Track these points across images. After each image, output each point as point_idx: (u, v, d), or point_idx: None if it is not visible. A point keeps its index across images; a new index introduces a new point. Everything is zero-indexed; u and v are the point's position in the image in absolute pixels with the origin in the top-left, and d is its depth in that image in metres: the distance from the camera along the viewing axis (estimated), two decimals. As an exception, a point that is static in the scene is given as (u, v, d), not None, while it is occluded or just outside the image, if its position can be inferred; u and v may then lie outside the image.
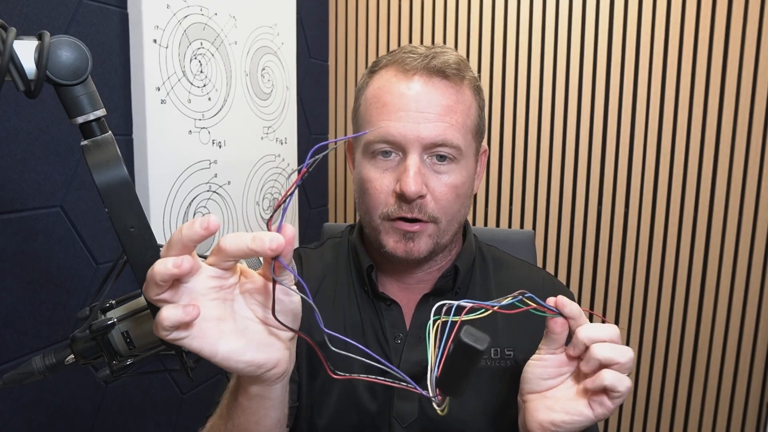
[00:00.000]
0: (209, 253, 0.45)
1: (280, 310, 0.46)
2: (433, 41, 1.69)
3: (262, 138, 1.42)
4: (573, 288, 1.64)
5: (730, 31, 1.43)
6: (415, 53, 0.72)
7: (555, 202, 1.62)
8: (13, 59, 0.43)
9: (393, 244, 0.73)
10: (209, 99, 1.21)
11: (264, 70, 1.40)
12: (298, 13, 1.59)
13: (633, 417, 1.65)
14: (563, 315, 0.54)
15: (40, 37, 0.44)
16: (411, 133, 0.69)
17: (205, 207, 1.23)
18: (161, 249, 0.43)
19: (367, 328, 0.79)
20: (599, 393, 0.53)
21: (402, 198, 0.71)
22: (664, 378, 1.60)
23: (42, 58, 0.43)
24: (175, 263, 0.40)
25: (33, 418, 0.93)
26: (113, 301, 0.51)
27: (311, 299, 0.44)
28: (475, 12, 1.63)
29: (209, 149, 1.23)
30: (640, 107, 1.52)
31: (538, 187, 1.64)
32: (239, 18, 1.29)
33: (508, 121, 1.64)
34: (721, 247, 1.51)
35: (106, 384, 1.05)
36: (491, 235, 1.13)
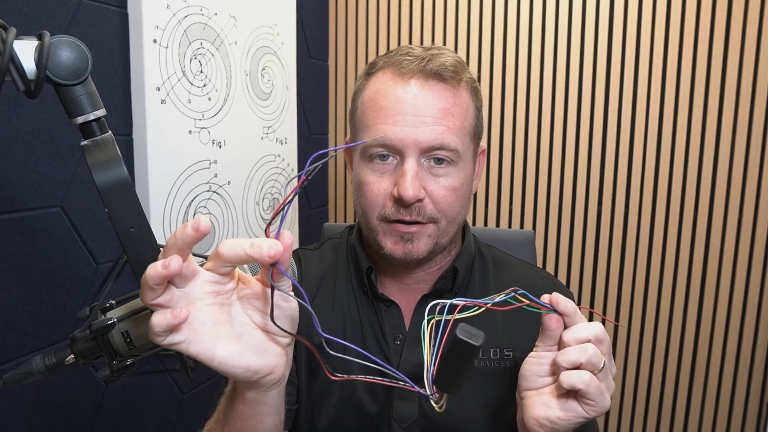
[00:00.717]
0: (208, 258, 0.45)
1: (278, 315, 0.46)
2: (433, 41, 1.69)
3: (262, 138, 1.42)
4: (573, 288, 1.64)
5: (730, 31, 1.43)
6: (411, 55, 0.72)
7: (555, 202, 1.62)
8: (13, 59, 0.43)
9: (391, 245, 0.73)
10: (209, 99, 1.21)
11: (264, 70, 1.40)
12: (298, 13, 1.59)
13: (633, 417, 1.65)
14: (557, 312, 0.54)
15: (40, 37, 0.44)
16: (408, 138, 0.69)
17: (205, 207, 1.23)
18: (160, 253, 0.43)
19: (366, 329, 0.79)
20: (573, 394, 0.54)
21: (400, 202, 0.70)
22: (664, 378, 1.60)
23: (42, 58, 0.43)
24: (163, 264, 0.40)
25: (33, 418, 0.93)
26: (113, 301, 0.51)
27: (309, 305, 0.44)
28: (475, 12, 1.63)
29: (209, 149, 1.23)
30: (640, 107, 1.52)
31: (538, 187, 1.64)
32: (239, 18, 1.29)
33: (508, 121, 1.64)
34: (721, 247, 1.51)
35: (106, 384, 1.05)
36: (491, 235, 1.13)
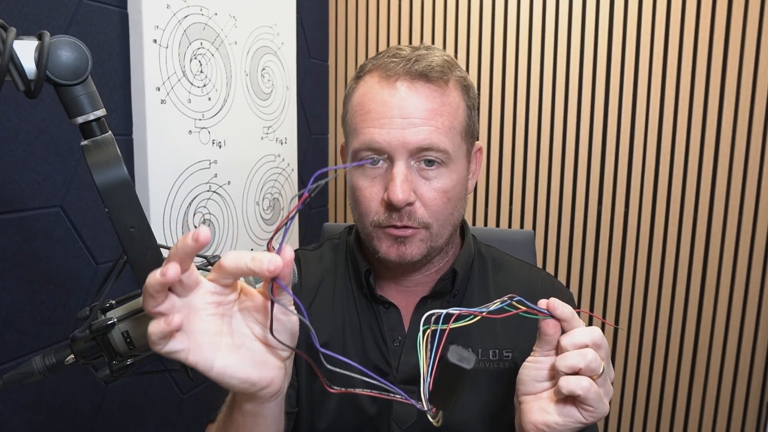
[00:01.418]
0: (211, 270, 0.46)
1: (278, 328, 0.47)
2: (433, 41, 1.69)
3: (262, 138, 1.42)
4: (573, 288, 1.64)
5: (730, 31, 1.43)
6: (398, 57, 0.71)
7: (555, 202, 1.62)
8: (13, 59, 0.43)
9: (385, 248, 0.73)
10: (209, 99, 1.21)
11: (264, 70, 1.40)
12: (298, 13, 1.59)
13: (633, 417, 1.65)
14: (554, 317, 0.54)
15: (40, 37, 0.44)
16: (396, 140, 0.69)
17: (205, 207, 1.23)
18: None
19: (365, 331, 0.79)
20: (571, 399, 0.53)
21: (390, 206, 0.70)
22: (664, 378, 1.60)
23: (42, 58, 0.43)
24: (162, 271, 0.40)
25: (33, 418, 0.93)
26: (113, 301, 0.51)
27: (307, 319, 0.44)
28: (475, 12, 1.63)
29: (209, 149, 1.23)
30: (640, 107, 1.52)
31: (538, 187, 1.64)
32: (239, 18, 1.29)
33: (508, 121, 1.64)
34: (721, 247, 1.51)
35: (106, 384, 1.05)
36: (491, 235, 1.13)
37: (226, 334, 0.46)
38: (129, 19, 1.04)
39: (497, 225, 1.69)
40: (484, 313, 0.52)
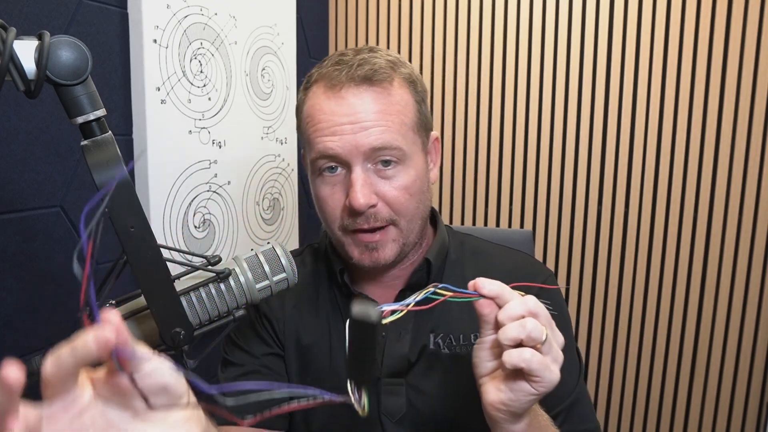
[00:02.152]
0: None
1: (156, 389, 0.38)
2: (432, 41, 1.69)
3: (262, 138, 1.42)
4: (573, 287, 1.64)
5: (730, 31, 1.43)
6: (341, 63, 0.72)
7: (555, 202, 1.62)
8: (13, 59, 0.43)
9: (359, 255, 0.74)
10: (209, 99, 1.21)
11: (264, 70, 1.40)
12: (298, 13, 1.59)
13: (633, 417, 1.65)
14: (484, 296, 0.54)
15: (40, 37, 0.44)
16: (348, 145, 0.70)
17: (205, 207, 1.23)
18: None
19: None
20: (520, 373, 0.52)
21: (354, 212, 0.71)
22: (664, 378, 1.60)
23: (42, 58, 0.43)
24: None
25: (33, 418, 0.93)
26: (113, 301, 0.51)
27: (179, 366, 0.39)
28: (475, 11, 1.63)
29: (209, 149, 1.23)
30: (640, 107, 1.52)
31: (538, 187, 1.64)
32: (239, 18, 1.29)
33: (508, 121, 1.64)
34: (721, 247, 1.51)
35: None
36: (489, 235, 1.12)
37: (99, 430, 0.38)
38: (129, 19, 1.04)
39: (497, 225, 1.69)
40: (411, 305, 0.52)
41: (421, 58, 1.71)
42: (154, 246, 0.46)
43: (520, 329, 0.51)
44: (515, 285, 0.55)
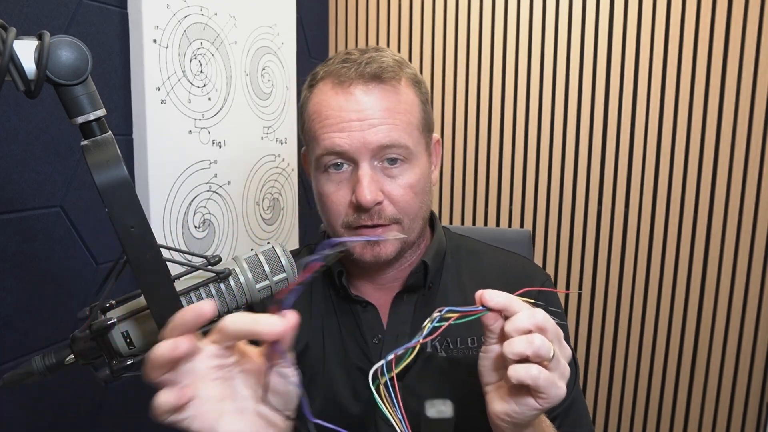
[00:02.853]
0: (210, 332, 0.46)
1: (276, 391, 0.46)
2: (432, 41, 1.69)
3: (262, 138, 1.42)
4: (572, 287, 1.64)
5: (730, 31, 1.43)
6: (349, 61, 0.72)
7: (555, 202, 1.62)
8: (13, 59, 0.43)
9: (360, 250, 0.74)
10: (209, 99, 1.21)
11: (264, 70, 1.40)
12: (298, 13, 1.59)
13: (633, 417, 1.64)
14: (491, 309, 0.53)
15: (40, 37, 0.44)
16: (357, 141, 0.70)
17: (205, 207, 1.23)
18: (165, 330, 0.43)
19: (344, 332, 0.80)
20: (526, 387, 0.51)
21: (359, 208, 0.71)
22: (664, 378, 1.60)
23: (42, 58, 0.43)
24: (171, 347, 0.41)
25: (33, 418, 0.93)
26: (113, 301, 0.51)
27: (301, 388, 0.45)
28: (475, 11, 1.63)
29: (209, 149, 1.23)
30: (640, 107, 1.52)
31: (537, 187, 1.64)
32: (239, 18, 1.29)
33: (508, 121, 1.64)
34: (721, 247, 1.51)
35: (106, 384, 1.05)
36: (487, 235, 1.13)
37: (228, 398, 0.46)
38: (129, 19, 1.04)
39: (497, 224, 1.69)
40: (421, 340, 0.51)
41: (421, 58, 1.71)
42: (154, 246, 0.45)
43: (527, 345, 0.50)
44: (520, 293, 0.54)
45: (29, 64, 0.44)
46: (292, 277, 0.53)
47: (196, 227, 1.21)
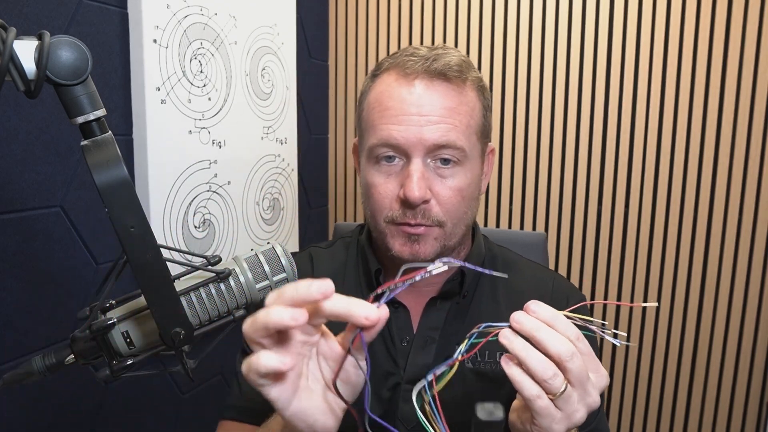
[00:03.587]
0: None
1: (345, 379, 0.47)
2: (433, 41, 1.69)
3: (262, 138, 1.42)
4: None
5: (730, 31, 1.43)
6: (416, 56, 0.71)
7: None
8: (13, 59, 0.43)
9: (399, 246, 0.73)
10: (209, 99, 1.21)
11: (264, 70, 1.40)
12: (298, 13, 1.59)
13: (633, 417, 1.65)
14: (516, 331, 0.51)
15: (40, 37, 0.44)
16: (413, 137, 0.69)
17: (205, 207, 1.23)
18: (271, 296, 0.44)
19: None
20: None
21: (406, 203, 0.70)
22: (664, 378, 1.60)
23: (42, 58, 0.43)
24: (294, 316, 0.40)
25: (33, 418, 0.93)
26: (113, 301, 0.51)
27: (369, 384, 0.46)
28: (476, 12, 1.63)
29: (209, 149, 1.23)
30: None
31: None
32: (239, 18, 1.29)
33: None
34: (721, 247, 1.51)
35: (106, 384, 1.05)
36: (503, 237, 1.12)
37: (303, 375, 0.47)
38: (129, 19, 1.04)
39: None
40: (458, 359, 0.50)
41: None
42: (154, 246, 0.45)
43: (541, 368, 0.47)
44: (572, 309, 0.51)
45: (29, 64, 0.44)
46: (292, 277, 0.53)
47: (196, 227, 1.21)
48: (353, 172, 1.81)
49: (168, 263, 0.47)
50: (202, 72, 1.19)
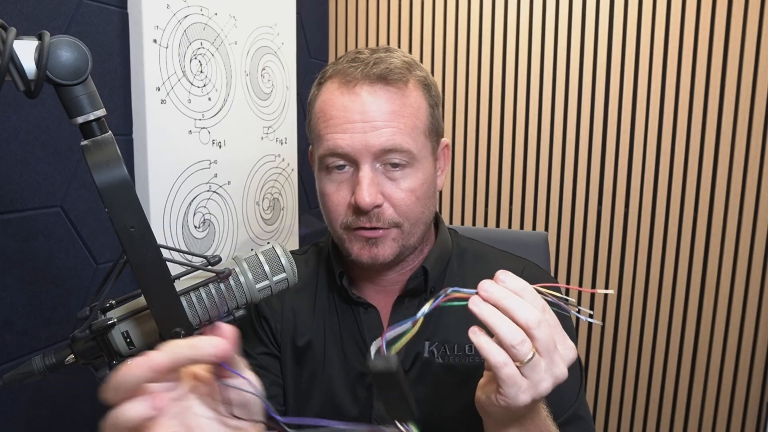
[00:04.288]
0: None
1: (239, 402, 0.45)
2: (433, 41, 1.69)
3: (262, 138, 1.42)
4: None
5: (730, 31, 1.43)
6: (357, 60, 0.72)
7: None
8: (13, 59, 0.43)
9: (357, 250, 0.73)
10: (209, 99, 1.21)
11: (264, 70, 1.40)
12: (298, 13, 1.59)
13: (633, 417, 1.64)
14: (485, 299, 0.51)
15: (40, 37, 0.44)
16: (359, 144, 0.69)
17: (205, 207, 1.23)
18: (109, 391, 0.40)
19: (345, 333, 0.79)
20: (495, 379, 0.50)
21: (358, 210, 0.70)
22: (664, 378, 1.60)
23: (42, 58, 0.43)
24: (147, 407, 0.39)
25: (33, 418, 0.93)
26: (113, 301, 0.51)
27: (258, 392, 0.44)
28: (476, 11, 1.63)
29: (209, 149, 1.23)
30: (640, 107, 1.52)
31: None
32: (239, 18, 1.29)
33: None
34: (721, 247, 1.51)
35: (106, 384, 1.05)
36: (503, 237, 1.12)
37: (195, 428, 0.44)
38: (129, 19, 1.04)
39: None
40: (420, 319, 0.50)
41: (422, 58, 1.71)
42: (154, 246, 0.45)
43: (510, 335, 0.47)
44: (542, 286, 0.52)
45: (29, 64, 0.44)
46: (292, 277, 0.53)
47: (196, 227, 1.21)
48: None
49: (168, 263, 0.47)
50: (202, 72, 1.19)
